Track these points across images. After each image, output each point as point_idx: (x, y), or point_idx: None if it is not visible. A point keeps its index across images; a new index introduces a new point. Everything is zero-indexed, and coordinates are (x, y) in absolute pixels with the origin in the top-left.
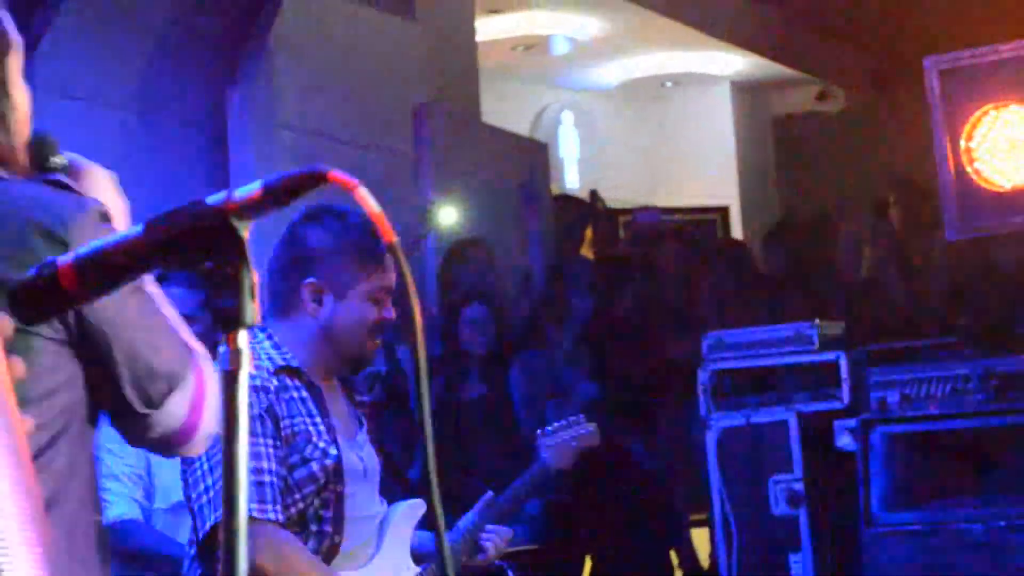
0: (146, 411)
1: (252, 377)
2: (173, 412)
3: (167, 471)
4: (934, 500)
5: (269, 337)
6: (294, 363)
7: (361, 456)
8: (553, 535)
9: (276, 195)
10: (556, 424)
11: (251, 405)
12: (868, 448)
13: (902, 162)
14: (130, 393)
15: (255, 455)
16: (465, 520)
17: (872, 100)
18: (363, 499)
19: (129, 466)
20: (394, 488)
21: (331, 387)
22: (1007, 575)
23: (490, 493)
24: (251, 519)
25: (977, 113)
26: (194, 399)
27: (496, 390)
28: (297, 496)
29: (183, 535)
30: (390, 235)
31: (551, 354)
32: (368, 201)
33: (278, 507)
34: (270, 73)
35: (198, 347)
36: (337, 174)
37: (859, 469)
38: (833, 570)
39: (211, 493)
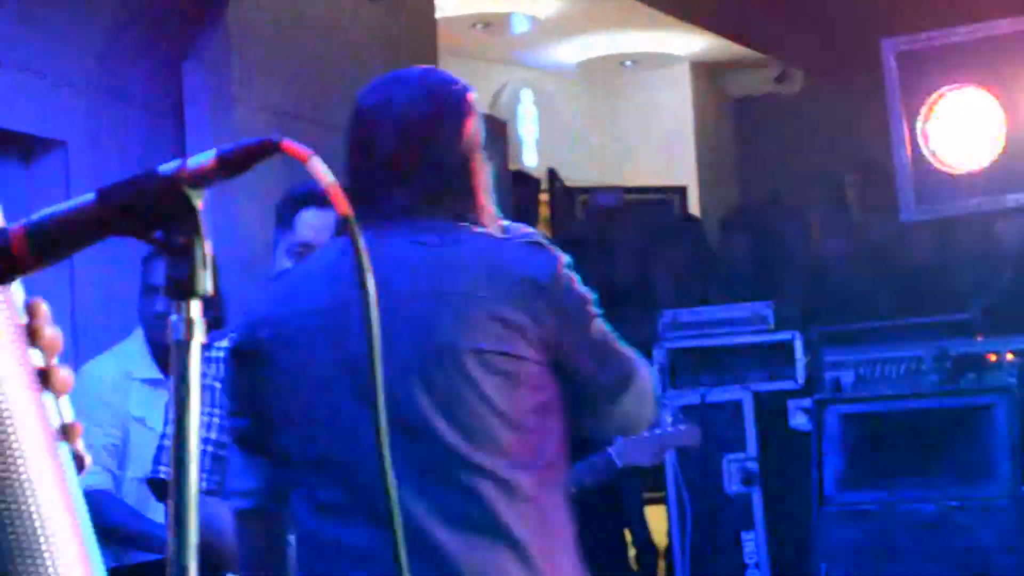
0: (608, 407)
1: (210, 348)
2: (625, 407)
3: (146, 442)
4: (887, 480)
5: None
6: None
7: None
8: None
9: (230, 164)
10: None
11: (203, 375)
12: (822, 428)
13: (860, 144)
14: (598, 396)
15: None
16: None
17: (831, 82)
18: None
19: (107, 435)
20: None
21: None
22: (959, 556)
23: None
24: (166, 481)
25: (934, 95)
26: (639, 394)
27: None
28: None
29: (154, 507)
30: (344, 207)
31: None
32: (321, 172)
33: (214, 477)
34: (227, 49)
35: (632, 353)
36: (290, 144)
37: (813, 449)
38: (785, 549)
39: (167, 442)
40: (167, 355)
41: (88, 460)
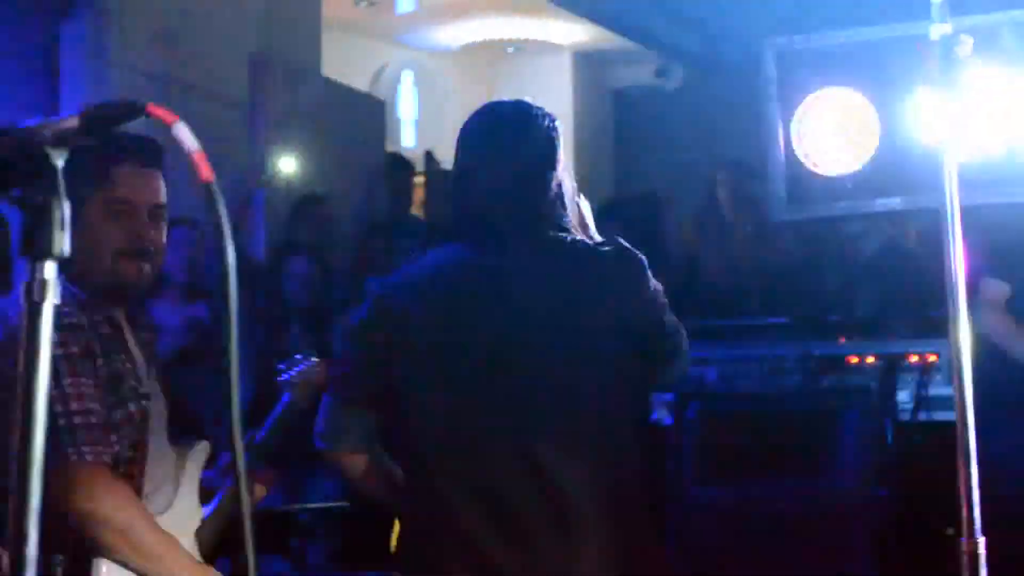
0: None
1: (67, 315)
2: (681, 366)
3: None
4: (745, 478)
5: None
6: (94, 297)
7: (156, 397)
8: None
9: (93, 125)
10: (296, 358)
11: (69, 344)
12: (683, 423)
13: (735, 142)
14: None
15: (83, 396)
16: (224, 459)
17: (710, 78)
18: (159, 442)
19: None
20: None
21: (123, 323)
22: (811, 556)
23: (250, 434)
24: (84, 462)
25: (809, 97)
26: (685, 358)
27: (317, 346)
28: (114, 438)
29: None
30: (208, 174)
31: None
32: (185, 137)
33: (108, 450)
34: (106, 10)
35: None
36: (156, 108)
37: (673, 443)
38: None
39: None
40: None
41: None
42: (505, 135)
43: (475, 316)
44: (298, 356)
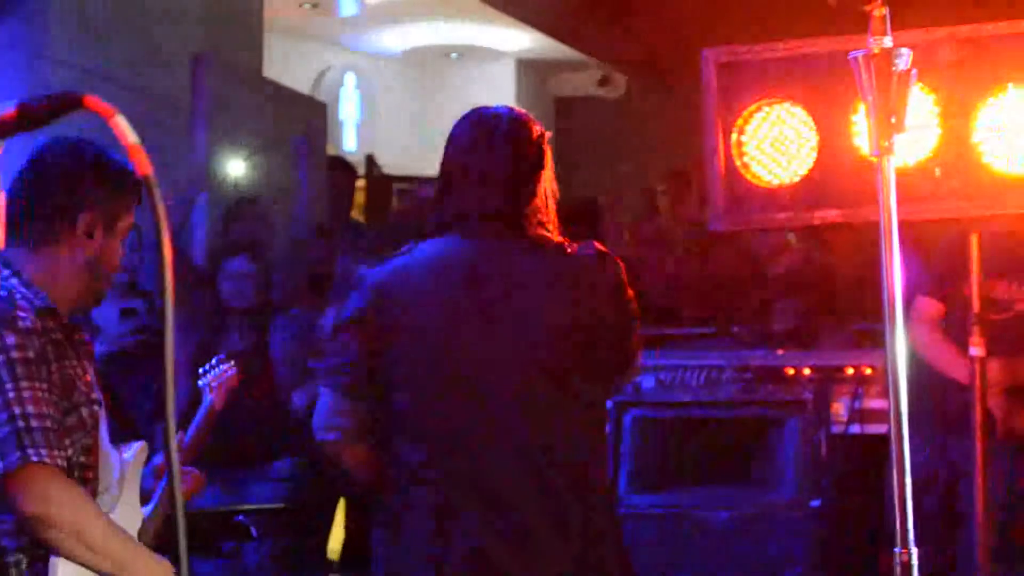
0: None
1: (23, 319)
2: (634, 372)
3: None
4: (682, 485)
5: (15, 274)
6: (51, 304)
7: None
8: (302, 496)
9: (30, 116)
10: (213, 362)
11: (25, 348)
12: (620, 430)
13: (675, 152)
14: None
15: (38, 400)
16: (156, 460)
17: (652, 88)
18: (103, 443)
19: None
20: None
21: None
22: (747, 564)
23: (178, 435)
24: (42, 465)
25: (750, 108)
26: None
27: (256, 346)
28: (67, 442)
29: None
30: (146, 167)
31: (316, 315)
32: (124, 130)
33: (63, 454)
34: (43, 9)
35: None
36: (94, 100)
37: (610, 451)
38: None
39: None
40: None
41: None
42: (499, 138)
43: (469, 310)
44: (215, 360)
